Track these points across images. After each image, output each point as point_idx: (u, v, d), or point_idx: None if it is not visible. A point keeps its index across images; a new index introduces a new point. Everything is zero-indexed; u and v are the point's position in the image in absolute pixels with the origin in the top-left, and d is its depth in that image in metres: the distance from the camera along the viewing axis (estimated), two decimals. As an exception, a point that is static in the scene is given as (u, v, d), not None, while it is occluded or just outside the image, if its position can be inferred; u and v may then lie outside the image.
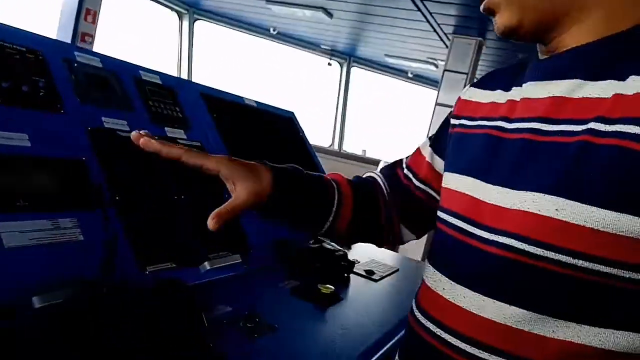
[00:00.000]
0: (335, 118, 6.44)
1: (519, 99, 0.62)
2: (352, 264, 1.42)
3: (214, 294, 1.06)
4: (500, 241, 0.55)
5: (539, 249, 0.52)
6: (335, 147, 6.39)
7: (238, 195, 0.66)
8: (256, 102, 1.83)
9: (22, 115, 0.95)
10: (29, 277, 0.80)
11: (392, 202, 0.85)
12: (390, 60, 6.38)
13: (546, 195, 0.52)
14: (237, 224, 1.32)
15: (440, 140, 0.81)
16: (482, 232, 0.58)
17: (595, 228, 0.48)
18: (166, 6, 5.48)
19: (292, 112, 2.07)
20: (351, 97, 6.49)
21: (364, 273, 1.46)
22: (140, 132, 0.67)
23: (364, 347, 0.98)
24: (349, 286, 1.35)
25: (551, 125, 0.55)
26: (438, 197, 0.76)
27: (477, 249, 0.58)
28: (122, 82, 1.24)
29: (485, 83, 0.73)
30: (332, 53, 6.49)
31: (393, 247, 0.97)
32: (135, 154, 0.70)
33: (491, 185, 0.59)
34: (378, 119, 6.66)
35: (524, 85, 0.62)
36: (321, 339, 0.99)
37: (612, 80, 0.52)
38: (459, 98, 0.78)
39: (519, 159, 0.57)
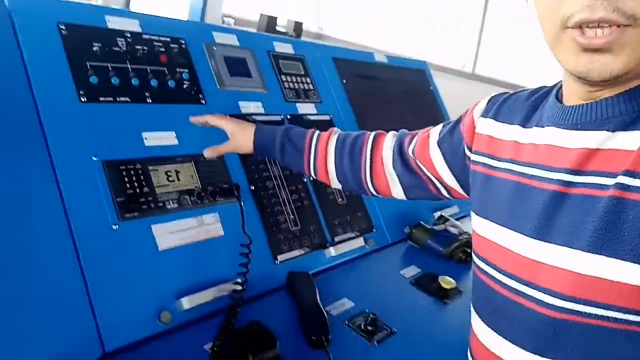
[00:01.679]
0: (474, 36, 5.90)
1: (541, 144, 0.62)
2: (477, 248, 1.37)
3: (338, 283, 1.11)
4: (546, 300, 0.57)
5: (589, 307, 0.53)
6: (468, 69, 5.93)
7: (225, 144, 1.01)
8: (387, 56, 1.75)
9: (170, 112, 1.01)
10: (178, 277, 0.90)
11: (391, 164, 0.93)
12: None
13: (586, 253, 0.53)
14: (361, 204, 1.33)
15: (447, 142, 0.84)
16: (534, 291, 0.59)
17: (638, 284, 0.50)
18: None
19: (424, 62, 1.94)
20: (490, 12, 5.84)
21: (488, 257, 1.41)
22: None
23: None
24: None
25: (579, 177, 0.56)
26: (434, 180, 0.89)
27: (525, 308, 0.60)
28: (257, 59, 1.25)
29: (499, 114, 0.72)
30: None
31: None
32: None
33: (528, 238, 0.60)
34: (521, 41, 5.91)
35: (545, 127, 0.62)
36: (440, 344, 1.00)
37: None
38: (472, 126, 0.77)
39: (550, 211, 0.58)
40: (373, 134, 0.99)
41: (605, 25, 0.49)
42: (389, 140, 0.96)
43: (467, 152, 0.79)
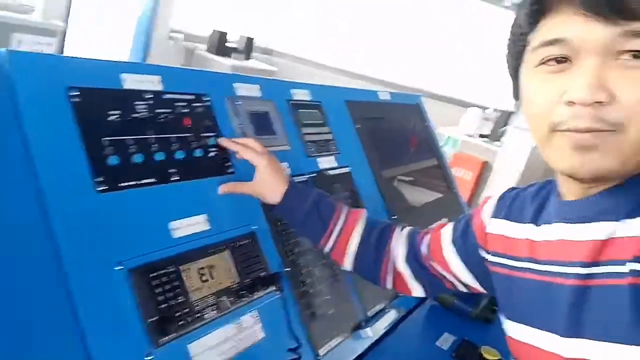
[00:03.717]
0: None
1: (554, 239, 0.61)
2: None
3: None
4: None
5: None
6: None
7: (248, 185, 0.89)
8: (390, 93, 1.65)
9: (198, 189, 0.84)
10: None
11: (407, 260, 0.89)
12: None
13: (626, 345, 0.50)
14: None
15: (461, 243, 0.81)
16: None
17: None
18: None
19: (419, 97, 1.86)
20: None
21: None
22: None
23: None
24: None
25: (596, 268, 0.55)
26: (449, 278, 0.84)
27: None
28: (278, 112, 1.09)
29: (510, 213, 0.72)
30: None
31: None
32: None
33: (562, 338, 0.57)
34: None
35: (554, 224, 0.62)
36: None
37: None
38: (482, 226, 0.77)
39: (577, 307, 0.56)
40: (397, 231, 0.93)
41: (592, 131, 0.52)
42: (403, 238, 0.92)
43: (483, 254, 0.77)
